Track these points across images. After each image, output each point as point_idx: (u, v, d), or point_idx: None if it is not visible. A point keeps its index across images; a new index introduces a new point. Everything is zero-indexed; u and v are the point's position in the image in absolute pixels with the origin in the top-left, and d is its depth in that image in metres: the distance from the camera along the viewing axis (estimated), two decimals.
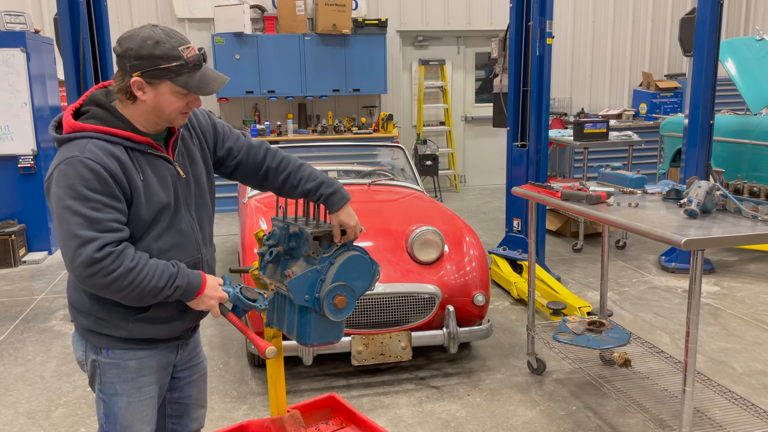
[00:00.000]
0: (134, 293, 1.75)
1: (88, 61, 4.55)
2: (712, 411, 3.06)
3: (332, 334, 2.07)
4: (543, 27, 4.97)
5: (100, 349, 1.93)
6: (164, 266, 1.80)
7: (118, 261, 1.70)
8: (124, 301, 1.79)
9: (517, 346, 4.20)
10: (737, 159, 6.11)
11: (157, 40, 1.74)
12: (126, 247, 1.74)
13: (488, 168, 10.24)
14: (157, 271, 1.77)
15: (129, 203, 1.79)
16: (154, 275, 1.76)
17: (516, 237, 5.43)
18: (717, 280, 5.50)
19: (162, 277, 1.78)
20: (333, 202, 2.07)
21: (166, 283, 1.79)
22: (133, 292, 1.75)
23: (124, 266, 1.71)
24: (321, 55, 8.63)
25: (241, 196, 5.27)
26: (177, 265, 1.84)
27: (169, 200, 1.87)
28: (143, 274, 1.74)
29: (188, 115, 1.89)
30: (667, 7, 10.27)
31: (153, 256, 1.83)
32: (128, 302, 1.80)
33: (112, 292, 1.75)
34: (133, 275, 1.73)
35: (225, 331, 4.51)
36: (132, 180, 1.78)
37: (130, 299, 1.78)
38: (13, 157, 6.35)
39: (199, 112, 2.06)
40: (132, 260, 1.73)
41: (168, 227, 1.88)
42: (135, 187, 1.79)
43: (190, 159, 1.98)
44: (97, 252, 1.68)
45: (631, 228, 2.72)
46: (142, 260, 1.76)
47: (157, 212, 1.85)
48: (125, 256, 1.72)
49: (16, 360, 4.17)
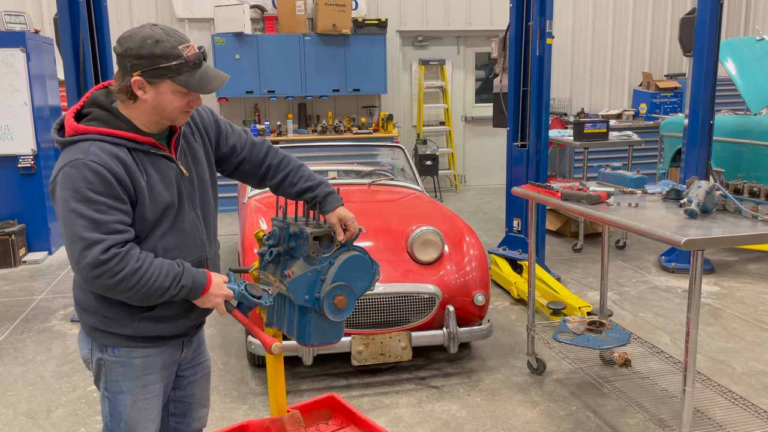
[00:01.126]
0: (140, 293, 1.76)
1: (88, 61, 4.55)
2: (712, 411, 3.06)
3: (332, 334, 2.08)
4: (543, 27, 4.97)
5: (105, 347, 1.93)
6: (169, 266, 1.81)
7: (123, 262, 1.71)
8: (130, 301, 1.80)
9: (517, 346, 4.20)
10: (737, 159, 6.11)
11: (157, 39, 1.74)
12: (131, 248, 1.75)
13: (488, 168, 10.24)
14: (162, 271, 1.78)
15: (133, 204, 1.80)
16: (160, 275, 1.77)
17: (516, 237, 5.43)
18: (717, 280, 5.50)
19: (167, 277, 1.79)
20: (329, 202, 2.10)
21: (171, 283, 1.79)
22: (138, 292, 1.75)
23: (130, 267, 1.72)
24: (321, 55, 8.63)
25: (241, 196, 5.27)
26: (182, 264, 1.85)
27: (173, 199, 1.88)
28: (148, 274, 1.75)
29: (190, 114, 1.89)
30: (667, 7, 10.27)
31: (158, 256, 1.84)
32: (134, 302, 1.81)
33: (118, 293, 1.76)
34: (139, 276, 1.73)
35: (225, 331, 4.51)
36: (136, 181, 1.79)
37: (136, 299, 1.79)
38: (13, 157, 6.35)
39: (201, 109, 2.07)
40: (137, 261, 1.74)
41: (172, 226, 1.89)
42: (139, 188, 1.79)
43: (192, 157, 1.99)
44: (102, 254, 1.69)
45: (631, 228, 2.72)
46: (147, 260, 1.76)
47: (161, 212, 1.85)
48: (130, 257, 1.73)
49: (16, 360, 4.17)
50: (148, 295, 1.78)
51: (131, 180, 1.78)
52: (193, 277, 1.84)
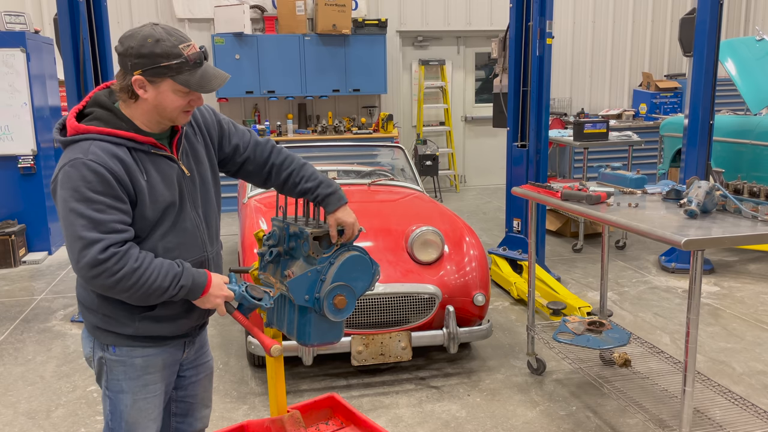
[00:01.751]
0: (139, 293, 1.76)
1: (88, 61, 4.55)
2: (712, 411, 3.06)
3: (332, 334, 2.07)
4: (543, 27, 4.97)
5: (107, 346, 1.94)
6: (169, 266, 1.81)
7: (122, 262, 1.72)
8: (129, 300, 1.80)
9: (517, 346, 4.20)
10: (737, 159, 6.11)
11: (157, 39, 1.74)
12: (130, 247, 1.75)
13: (488, 168, 10.24)
14: (162, 271, 1.78)
15: (133, 204, 1.80)
16: (159, 275, 1.77)
17: (516, 237, 5.43)
18: (717, 280, 5.50)
19: (167, 277, 1.79)
20: (330, 202, 2.08)
21: (170, 283, 1.79)
22: (137, 292, 1.76)
23: (129, 267, 1.72)
24: (321, 55, 8.63)
25: (241, 196, 5.27)
26: (182, 264, 1.85)
27: (174, 199, 1.88)
28: (147, 274, 1.75)
29: (191, 114, 1.89)
30: (667, 7, 10.27)
31: (158, 255, 1.84)
32: (134, 302, 1.81)
33: (118, 292, 1.76)
34: (138, 275, 1.74)
35: (225, 331, 4.51)
36: (136, 181, 1.79)
37: (135, 299, 1.79)
38: (13, 157, 6.35)
39: (204, 109, 2.07)
40: (136, 260, 1.74)
41: (173, 226, 1.89)
42: (139, 187, 1.80)
43: (194, 157, 1.99)
44: (101, 253, 1.70)
45: (631, 228, 2.72)
46: (147, 260, 1.76)
47: (162, 211, 1.86)
48: (129, 256, 1.73)
49: (16, 360, 4.17)
50: (147, 295, 1.78)
51: (131, 179, 1.78)
52: (192, 277, 1.84)
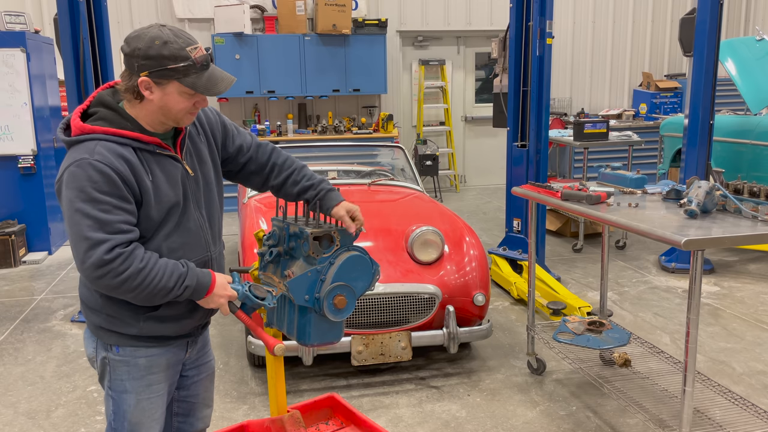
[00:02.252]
0: (144, 293, 1.76)
1: (88, 61, 4.55)
2: (712, 411, 3.06)
3: (332, 334, 2.07)
4: (543, 27, 4.97)
5: (110, 346, 1.94)
6: (173, 266, 1.81)
7: (127, 262, 1.72)
8: (134, 301, 1.81)
9: (517, 346, 4.20)
10: (737, 159, 6.11)
11: (165, 41, 1.75)
12: (135, 247, 1.76)
13: (488, 168, 10.24)
14: (167, 271, 1.78)
15: (138, 204, 1.80)
16: (164, 275, 1.78)
17: (516, 237, 5.43)
18: (717, 280, 5.50)
19: (171, 277, 1.79)
20: (332, 197, 2.12)
21: (175, 283, 1.80)
22: (143, 292, 1.76)
23: (134, 267, 1.73)
24: (321, 55, 8.63)
25: (241, 196, 5.27)
26: (186, 264, 1.85)
27: (178, 199, 1.89)
28: (152, 274, 1.76)
29: (194, 115, 1.90)
30: (667, 7, 10.27)
31: (162, 255, 1.84)
32: (138, 302, 1.82)
33: (123, 293, 1.76)
34: (143, 276, 1.74)
35: (225, 331, 4.51)
36: (141, 181, 1.79)
37: (140, 299, 1.79)
38: (13, 157, 6.35)
39: (207, 110, 2.08)
40: (141, 261, 1.74)
41: (177, 226, 1.90)
42: (144, 187, 1.80)
43: (198, 157, 2.00)
44: (106, 254, 1.70)
45: (631, 228, 2.72)
46: (152, 261, 1.77)
47: (166, 212, 1.86)
48: (134, 256, 1.74)
49: (16, 360, 4.17)
50: (152, 295, 1.78)
51: (136, 180, 1.78)
52: (197, 278, 1.85)
